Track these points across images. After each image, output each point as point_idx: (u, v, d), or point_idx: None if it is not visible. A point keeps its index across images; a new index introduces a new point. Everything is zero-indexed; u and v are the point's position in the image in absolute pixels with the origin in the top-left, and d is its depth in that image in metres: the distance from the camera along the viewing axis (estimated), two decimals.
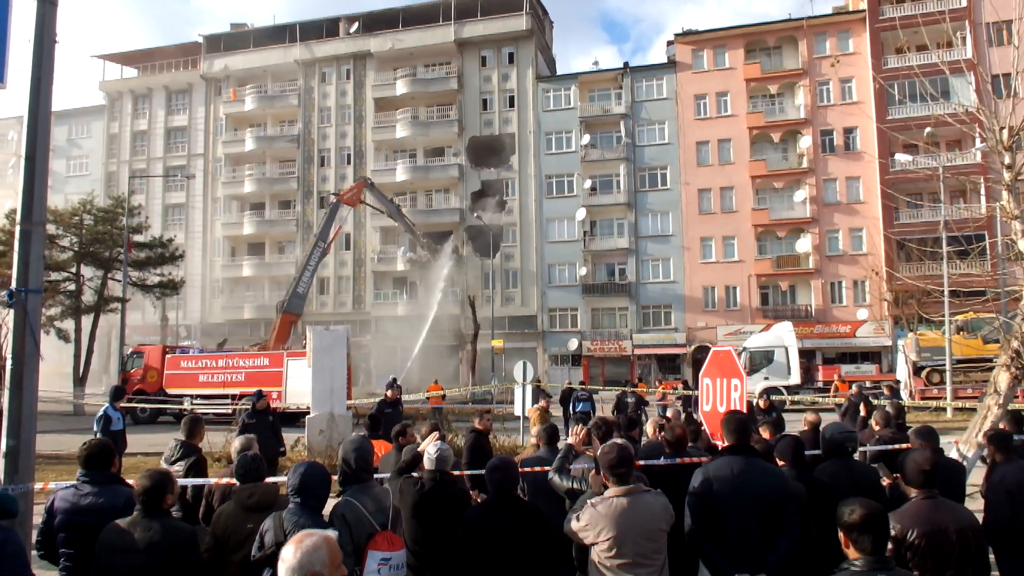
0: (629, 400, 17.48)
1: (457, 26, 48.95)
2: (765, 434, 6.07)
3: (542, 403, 12.31)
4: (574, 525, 3.77)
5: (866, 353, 39.21)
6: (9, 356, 4.58)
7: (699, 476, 4.18)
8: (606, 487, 3.86)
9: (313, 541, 2.41)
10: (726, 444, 4.33)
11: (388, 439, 7.52)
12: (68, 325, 31.98)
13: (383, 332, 47.77)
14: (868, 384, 26.10)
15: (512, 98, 48.54)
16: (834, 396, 22.51)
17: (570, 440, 5.15)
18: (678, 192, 44.69)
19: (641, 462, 5.39)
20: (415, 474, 4.58)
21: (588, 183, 46.05)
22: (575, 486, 4.60)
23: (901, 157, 31.94)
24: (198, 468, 5.97)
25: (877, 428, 7.98)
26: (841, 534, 2.99)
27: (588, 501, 3.80)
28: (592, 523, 3.69)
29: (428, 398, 23.73)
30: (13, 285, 4.53)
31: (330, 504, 3.86)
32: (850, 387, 25.47)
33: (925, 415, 20.50)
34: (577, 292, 45.59)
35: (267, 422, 10.59)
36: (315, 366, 14.09)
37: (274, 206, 52.55)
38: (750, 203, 43.56)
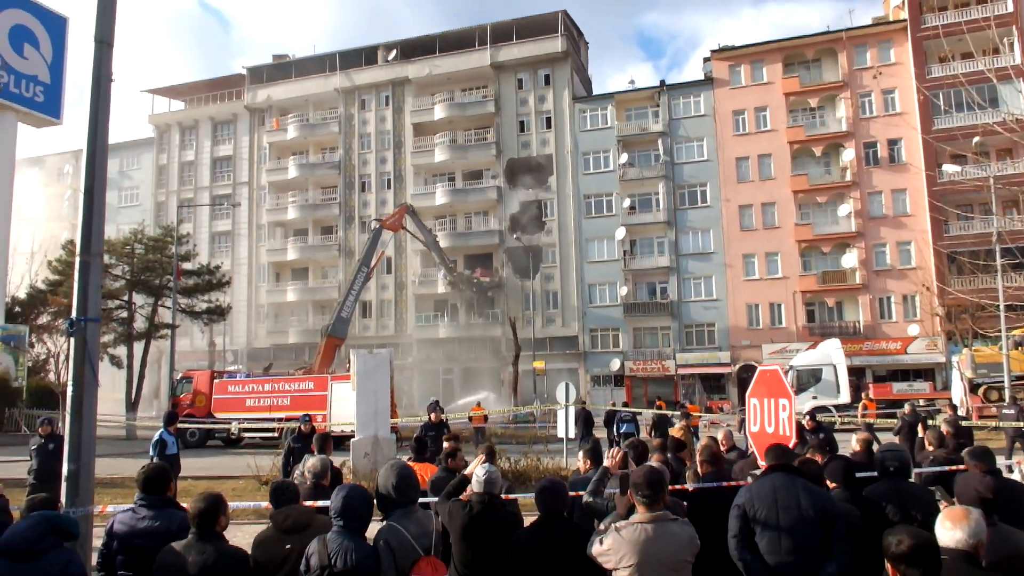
0: (676, 421, 17.05)
1: (493, 50, 49.57)
2: (816, 456, 5.93)
3: (684, 423, 11.99)
4: (596, 548, 3.70)
5: (919, 370, 37.99)
6: (70, 382, 4.73)
7: (742, 494, 4.15)
8: (631, 510, 3.79)
9: None
10: (767, 465, 4.26)
11: (433, 462, 7.55)
12: (120, 351, 32.92)
13: (425, 354, 48.08)
14: (921, 402, 25.30)
15: (549, 119, 48.83)
16: (863, 415, 21.84)
17: (606, 463, 5.09)
18: (718, 209, 44.23)
19: (678, 487, 5.31)
20: (463, 497, 4.58)
21: (627, 202, 45.89)
22: (603, 503, 4.57)
23: (949, 168, 31.15)
24: (336, 478, 6.27)
25: (931, 449, 7.71)
26: (888, 565, 2.85)
27: (613, 525, 3.73)
28: (615, 548, 3.62)
29: (471, 419, 23.77)
30: (73, 314, 4.69)
31: (373, 528, 3.88)
32: (878, 406, 24.76)
33: (983, 435, 19.71)
34: (618, 312, 45.26)
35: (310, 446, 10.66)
36: (359, 389, 14.23)
37: (317, 232, 53.53)
38: (793, 218, 42.86)
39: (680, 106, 46.24)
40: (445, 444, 7.36)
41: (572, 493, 5.33)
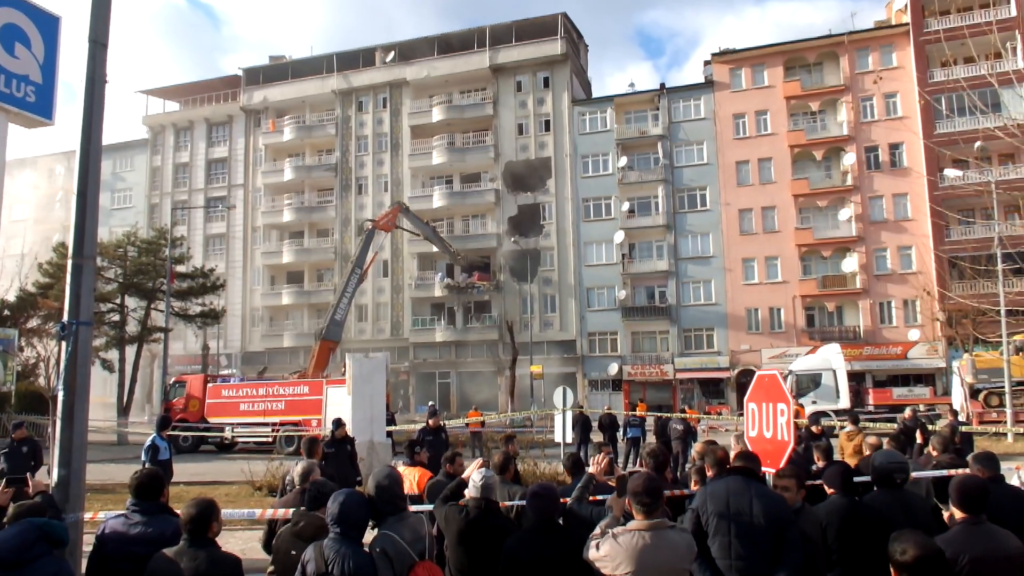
0: (677, 427, 16.81)
1: (492, 52, 49.56)
2: (819, 461, 5.88)
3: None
4: (592, 554, 3.66)
5: (919, 375, 37.92)
6: (61, 387, 4.65)
7: (698, 497, 4.17)
8: (627, 514, 3.76)
9: None
10: (728, 467, 4.31)
11: (428, 467, 7.48)
12: (112, 355, 32.63)
13: (422, 358, 47.93)
14: (922, 407, 25.25)
15: (548, 122, 48.81)
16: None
17: (591, 469, 5.03)
18: (718, 213, 44.22)
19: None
20: (460, 501, 4.55)
21: (626, 205, 45.87)
22: (587, 511, 4.55)
23: (950, 172, 31.13)
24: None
25: (935, 454, 7.64)
26: (893, 572, 2.85)
27: (610, 531, 3.68)
28: (611, 555, 3.57)
29: (468, 424, 23.68)
30: (65, 317, 4.61)
31: (368, 536, 3.83)
32: (818, 417, 24.55)
33: (984, 440, 19.66)
34: (617, 316, 45.21)
35: (345, 451, 10.51)
36: (355, 394, 14.15)
37: (312, 235, 53.37)
38: (793, 222, 42.86)
39: (680, 109, 46.26)
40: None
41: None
